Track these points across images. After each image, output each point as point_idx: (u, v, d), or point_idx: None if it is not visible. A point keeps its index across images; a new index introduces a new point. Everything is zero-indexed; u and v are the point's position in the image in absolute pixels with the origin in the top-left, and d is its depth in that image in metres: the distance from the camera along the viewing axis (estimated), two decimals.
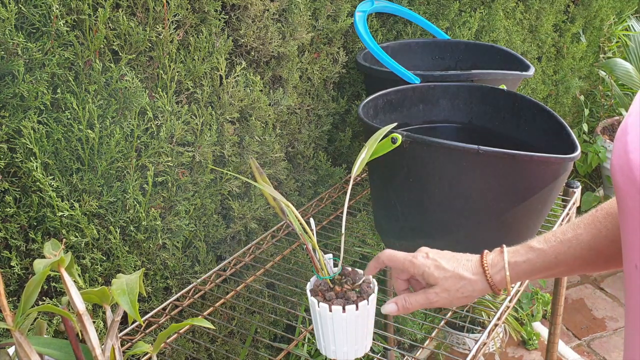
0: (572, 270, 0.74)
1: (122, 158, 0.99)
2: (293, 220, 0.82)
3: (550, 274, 0.75)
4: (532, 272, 0.75)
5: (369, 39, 1.26)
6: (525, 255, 0.75)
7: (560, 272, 0.75)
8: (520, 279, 0.76)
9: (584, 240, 0.72)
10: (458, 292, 0.77)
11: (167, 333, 0.67)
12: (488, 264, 0.76)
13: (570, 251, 0.72)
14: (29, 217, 0.90)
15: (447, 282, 0.77)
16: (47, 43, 0.86)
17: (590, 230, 0.72)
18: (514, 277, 0.75)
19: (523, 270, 0.75)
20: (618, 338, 2.18)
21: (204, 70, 1.08)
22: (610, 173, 0.53)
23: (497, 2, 1.89)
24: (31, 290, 0.58)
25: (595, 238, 0.71)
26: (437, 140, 0.95)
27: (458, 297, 0.77)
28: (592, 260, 0.71)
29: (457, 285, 0.77)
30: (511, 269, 0.75)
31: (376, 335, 1.32)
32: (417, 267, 0.79)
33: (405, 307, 0.80)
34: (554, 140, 1.05)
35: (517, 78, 1.29)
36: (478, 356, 0.93)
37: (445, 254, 0.80)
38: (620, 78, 2.66)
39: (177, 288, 1.16)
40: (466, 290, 0.77)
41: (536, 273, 0.75)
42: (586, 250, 0.71)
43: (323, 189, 1.47)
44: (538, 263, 0.74)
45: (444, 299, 0.77)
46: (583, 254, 0.71)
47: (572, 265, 0.73)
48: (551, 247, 0.73)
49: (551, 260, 0.73)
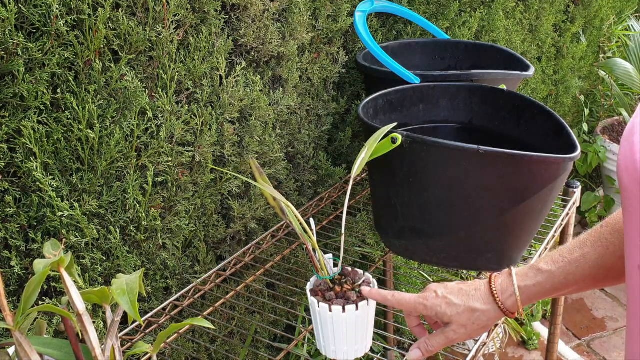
0: (582, 288, 0.74)
1: (122, 158, 0.99)
2: (293, 220, 0.82)
3: (560, 294, 0.75)
4: (542, 294, 0.75)
5: (369, 39, 1.26)
6: (535, 279, 0.75)
7: (570, 292, 0.75)
8: (531, 301, 0.76)
9: (591, 259, 0.71)
10: (474, 325, 0.77)
11: (167, 333, 0.67)
12: (497, 290, 0.76)
13: (579, 271, 0.72)
14: (29, 217, 0.90)
15: (461, 318, 0.77)
16: (47, 43, 0.86)
17: (597, 249, 0.71)
18: (524, 300, 0.75)
19: (534, 293, 0.75)
20: (618, 338, 2.18)
21: (204, 70, 1.08)
22: (617, 173, 0.53)
23: (497, 2, 1.89)
24: (31, 290, 0.58)
25: (603, 256, 0.70)
26: (437, 140, 0.95)
27: (475, 330, 0.77)
28: (601, 277, 0.71)
29: (471, 319, 0.77)
30: (521, 293, 0.75)
31: (376, 335, 1.32)
32: (429, 309, 0.79)
33: (428, 350, 0.81)
34: (554, 140, 1.05)
35: (517, 78, 1.29)
36: (478, 356, 0.93)
37: (453, 288, 0.79)
38: (620, 78, 2.65)
39: (177, 288, 1.16)
40: (481, 322, 0.77)
41: (547, 294, 0.75)
42: (595, 269, 0.71)
43: (323, 189, 1.47)
44: (547, 285, 0.74)
45: (462, 334, 0.78)
46: (592, 273, 0.71)
47: (582, 285, 0.73)
48: (559, 269, 0.73)
49: (561, 281, 0.73)
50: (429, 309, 0.79)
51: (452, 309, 0.77)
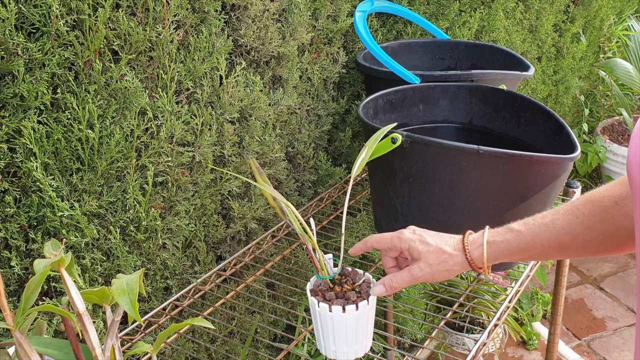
0: (548, 253, 0.77)
1: (122, 158, 0.99)
2: (293, 220, 0.82)
3: (527, 255, 0.78)
4: (509, 251, 0.78)
5: (369, 39, 1.26)
6: (504, 236, 0.78)
7: (537, 255, 0.78)
8: (498, 258, 0.79)
9: (560, 225, 0.74)
10: (439, 266, 0.80)
11: (167, 333, 0.67)
12: (468, 241, 0.80)
13: (547, 235, 0.75)
14: (29, 217, 0.90)
15: (430, 256, 0.80)
16: (47, 43, 0.86)
17: (567, 216, 0.74)
18: (491, 255, 0.78)
19: (500, 250, 0.78)
20: (618, 338, 2.18)
21: (204, 70, 1.08)
22: (627, 169, 0.53)
23: (497, 2, 1.89)
24: (31, 290, 0.58)
25: (571, 224, 0.74)
26: (437, 140, 0.95)
27: (439, 271, 0.80)
28: (566, 245, 0.74)
29: (438, 259, 0.80)
30: (489, 246, 0.78)
31: (376, 335, 1.32)
32: (403, 242, 0.82)
33: (392, 286, 0.83)
34: (554, 140, 1.05)
35: (517, 78, 1.29)
36: (478, 356, 0.93)
37: (430, 231, 0.83)
38: (620, 78, 2.65)
39: (177, 288, 1.16)
40: (447, 265, 0.80)
41: (514, 254, 0.78)
42: (562, 235, 0.74)
43: (323, 189, 1.47)
44: (515, 244, 0.77)
45: (426, 274, 0.80)
46: (559, 238, 0.74)
47: (548, 249, 0.76)
48: (529, 230, 0.76)
49: (528, 242, 0.76)
50: (403, 241, 0.82)
51: (424, 246, 0.81)
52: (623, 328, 2.22)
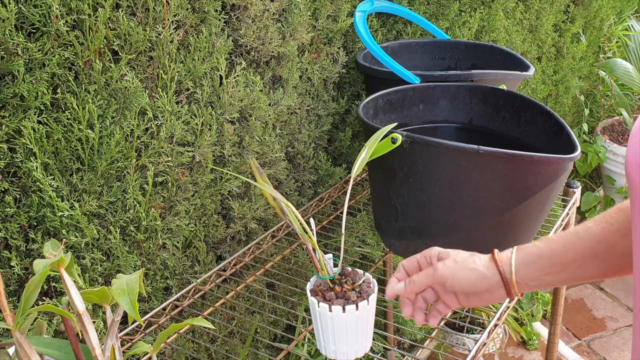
0: (583, 266, 0.70)
1: (122, 158, 0.99)
2: (293, 220, 0.82)
3: (560, 268, 0.72)
4: (539, 258, 0.72)
5: (369, 39, 1.26)
6: (533, 243, 0.74)
7: (571, 267, 0.71)
8: (528, 266, 0.73)
9: (592, 232, 0.69)
10: (465, 263, 0.75)
11: (167, 333, 0.67)
12: (497, 252, 0.76)
13: (579, 242, 0.70)
14: (29, 217, 0.90)
15: (458, 255, 0.76)
16: (47, 43, 0.86)
17: (600, 224, 0.69)
18: (519, 261, 0.73)
19: (529, 254, 0.73)
20: (618, 338, 2.18)
21: (204, 70, 1.08)
22: (625, 169, 0.53)
23: (497, 2, 1.89)
24: (31, 290, 0.58)
25: (605, 231, 0.68)
26: (437, 140, 0.95)
27: (463, 268, 0.75)
28: (603, 255, 0.68)
29: (465, 258, 0.76)
30: (517, 252, 0.74)
31: (376, 335, 1.32)
32: (432, 250, 0.79)
33: (411, 281, 0.78)
34: (554, 140, 1.05)
35: (517, 78, 1.29)
36: (478, 356, 0.93)
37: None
38: (620, 78, 2.65)
39: (177, 288, 1.16)
40: (473, 264, 0.75)
41: (544, 263, 0.72)
42: (596, 243, 0.69)
43: (323, 189, 1.47)
44: (545, 250, 0.72)
45: (449, 268, 0.76)
46: (593, 247, 0.69)
47: (582, 259, 0.70)
48: (559, 237, 0.72)
49: (559, 248, 0.71)
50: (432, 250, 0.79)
51: (454, 251, 0.77)
52: (623, 328, 2.22)
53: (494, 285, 0.75)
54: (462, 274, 0.75)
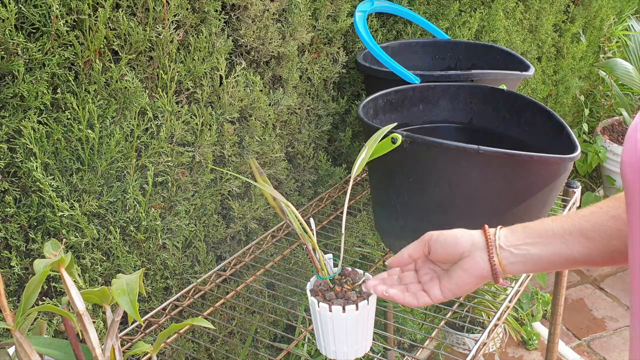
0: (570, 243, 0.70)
1: (122, 158, 0.99)
2: (293, 220, 0.82)
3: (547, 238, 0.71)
4: (524, 227, 0.73)
5: (369, 39, 1.26)
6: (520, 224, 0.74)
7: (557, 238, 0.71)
8: (514, 232, 0.73)
9: (582, 213, 0.69)
10: (450, 231, 0.77)
11: (167, 333, 0.67)
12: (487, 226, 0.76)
13: (567, 220, 0.70)
14: (29, 217, 0.90)
15: (445, 230, 0.78)
16: (47, 43, 0.86)
17: (589, 208, 0.70)
18: (505, 230, 0.73)
19: (514, 229, 0.73)
20: (618, 338, 2.18)
21: (204, 70, 1.08)
22: (620, 169, 0.53)
23: (497, 2, 1.89)
24: (31, 290, 0.58)
25: (594, 213, 0.69)
26: (437, 140, 0.95)
27: (449, 233, 0.77)
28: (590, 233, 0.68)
29: (451, 230, 0.77)
30: (503, 227, 0.74)
31: (376, 335, 1.32)
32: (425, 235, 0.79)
33: (400, 250, 0.81)
34: (554, 140, 1.05)
35: (517, 78, 1.29)
36: (478, 356, 0.93)
37: None
38: (620, 78, 2.66)
39: (177, 288, 1.16)
40: (458, 231, 0.76)
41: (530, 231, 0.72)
42: (584, 221, 0.69)
43: (323, 189, 1.47)
44: (531, 225, 0.72)
45: (434, 232, 0.78)
46: (581, 224, 0.69)
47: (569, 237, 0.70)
48: (546, 218, 0.72)
49: (547, 222, 0.71)
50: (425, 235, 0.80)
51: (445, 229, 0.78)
52: (623, 328, 2.22)
53: (476, 245, 0.74)
54: (447, 232, 0.77)
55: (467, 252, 0.75)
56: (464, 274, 0.75)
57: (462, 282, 0.75)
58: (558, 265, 0.73)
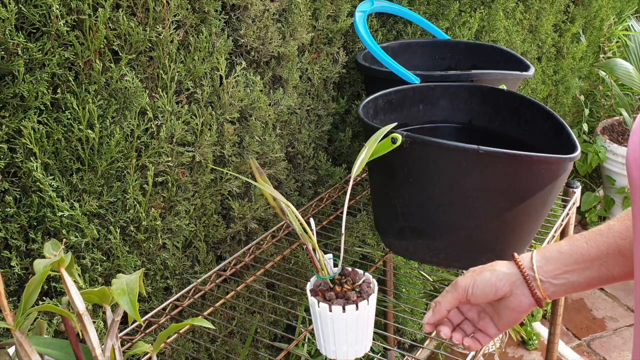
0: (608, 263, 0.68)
1: (122, 158, 0.99)
2: (293, 220, 0.82)
3: (584, 264, 0.70)
4: (560, 254, 0.71)
5: (369, 39, 1.26)
6: (553, 244, 0.73)
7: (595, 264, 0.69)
8: (549, 262, 0.72)
9: (615, 229, 0.68)
10: (483, 269, 0.76)
11: (167, 333, 0.67)
12: (516, 254, 0.76)
13: (602, 239, 0.69)
14: (29, 217, 0.90)
15: (477, 267, 0.77)
16: (47, 43, 0.86)
17: (622, 221, 0.68)
18: (539, 256, 0.72)
19: (550, 253, 0.72)
20: (618, 338, 2.18)
21: (204, 70, 1.08)
22: (626, 167, 0.53)
23: (497, 2, 1.89)
24: (31, 290, 0.58)
25: (629, 228, 0.67)
26: (437, 140, 0.95)
27: (481, 272, 0.76)
28: (627, 250, 0.67)
29: (484, 267, 0.76)
30: (537, 252, 0.73)
31: (376, 335, 1.32)
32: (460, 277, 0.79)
33: (437, 301, 0.80)
34: (554, 140, 1.05)
35: (517, 78, 1.30)
36: (478, 356, 0.93)
37: None
38: (620, 78, 2.66)
39: (177, 288, 1.16)
40: (489, 266, 0.75)
41: (566, 258, 0.71)
42: (619, 239, 0.67)
43: (323, 189, 1.47)
44: (566, 246, 0.71)
45: (468, 278, 0.76)
46: (617, 242, 0.68)
47: (606, 256, 0.68)
48: (580, 235, 0.71)
49: (581, 244, 0.70)
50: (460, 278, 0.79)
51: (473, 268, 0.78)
52: (623, 328, 2.22)
53: (515, 284, 0.74)
54: (481, 278, 0.76)
55: (508, 292, 0.75)
56: (513, 313, 0.76)
57: (513, 319, 0.77)
58: (597, 285, 0.72)
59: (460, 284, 0.77)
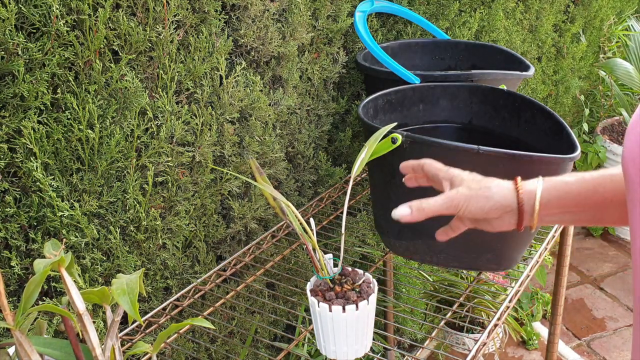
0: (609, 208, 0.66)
1: (122, 158, 0.99)
2: (293, 220, 0.82)
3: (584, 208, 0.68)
4: (566, 194, 0.67)
5: (369, 39, 1.26)
6: (562, 177, 0.69)
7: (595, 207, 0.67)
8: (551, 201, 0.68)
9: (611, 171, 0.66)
10: (480, 190, 0.70)
11: (167, 333, 0.67)
12: (519, 178, 0.71)
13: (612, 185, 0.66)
14: (29, 217, 0.90)
15: (473, 182, 0.72)
16: (47, 43, 0.86)
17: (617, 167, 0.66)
18: (545, 192, 0.69)
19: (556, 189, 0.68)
20: (618, 338, 2.18)
21: (204, 70, 1.08)
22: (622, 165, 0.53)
23: (497, 2, 1.89)
24: (31, 290, 0.59)
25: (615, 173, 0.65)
26: (437, 140, 0.95)
27: (478, 195, 0.70)
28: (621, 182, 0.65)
29: (481, 185, 0.71)
30: (545, 183, 0.69)
31: (376, 335, 1.32)
32: (450, 170, 0.74)
33: (420, 208, 0.71)
34: (554, 140, 1.05)
35: (517, 78, 1.30)
36: (478, 356, 0.93)
37: None
38: (620, 78, 2.66)
39: (177, 288, 1.16)
40: (489, 191, 0.70)
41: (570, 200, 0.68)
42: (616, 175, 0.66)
43: (323, 189, 1.47)
44: (574, 186, 0.67)
45: (462, 195, 0.70)
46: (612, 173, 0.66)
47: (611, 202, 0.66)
48: (591, 176, 0.67)
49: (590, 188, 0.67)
50: (450, 170, 0.74)
51: (471, 175, 0.73)
52: (623, 328, 2.22)
53: (508, 213, 0.71)
54: (475, 203, 0.71)
55: (497, 217, 0.72)
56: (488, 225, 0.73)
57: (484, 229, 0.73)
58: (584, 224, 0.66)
59: (454, 203, 0.71)
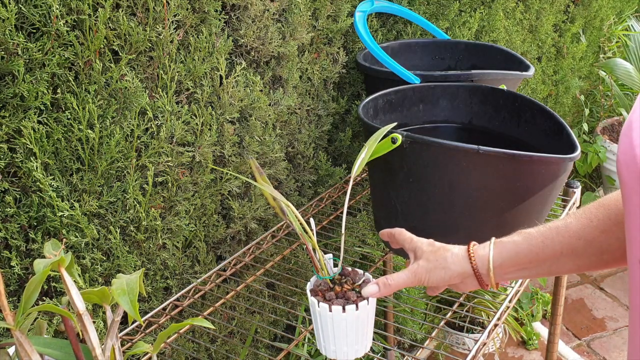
0: (561, 260, 0.71)
1: (122, 158, 0.99)
2: (293, 220, 0.82)
3: (537, 262, 0.72)
4: (516, 254, 0.73)
5: (369, 39, 1.26)
6: (511, 237, 0.74)
7: (548, 261, 0.72)
8: (504, 262, 0.74)
9: (573, 229, 0.70)
10: (437, 262, 0.77)
11: (167, 333, 0.67)
12: (474, 245, 0.77)
13: (559, 238, 0.70)
14: (29, 217, 0.90)
15: (432, 255, 0.78)
16: (47, 43, 0.86)
17: (580, 219, 0.70)
18: (497, 255, 0.74)
19: (507, 250, 0.74)
20: (618, 338, 2.18)
21: (204, 70, 1.08)
22: (616, 169, 0.53)
23: (497, 2, 1.89)
24: (31, 290, 0.59)
25: (585, 227, 0.69)
26: (437, 140, 0.95)
27: (436, 267, 0.77)
28: (581, 251, 0.69)
29: (438, 257, 0.77)
30: (495, 246, 0.75)
31: (376, 335, 1.32)
32: (414, 242, 0.81)
33: (386, 283, 0.78)
34: (554, 140, 1.05)
35: (517, 78, 1.30)
36: (478, 356, 0.93)
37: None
38: (620, 78, 2.66)
39: (177, 288, 1.16)
40: (445, 262, 0.76)
41: (522, 258, 0.73)
42: (575, 239, 0.69)
43: (323, 189, 1.47)
44: (523, 245, 0.72)
45: (422, 269, 0.77)
46: (572, 243, 0.69)
47: (560, 255, 0.70)
48: (538, 232, 0.72)
49: (538, 244, 0.71)
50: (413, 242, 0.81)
51: (430, 247, 0.79)
52: (623, 328, 2.22)
53: (467, 277, 0.77)
54: (435, 275, 0.77)
55: (459, 282, 0.78)
56: (456, 289, 0.80)
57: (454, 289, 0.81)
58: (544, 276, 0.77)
59: (416, 276, 0.78)
